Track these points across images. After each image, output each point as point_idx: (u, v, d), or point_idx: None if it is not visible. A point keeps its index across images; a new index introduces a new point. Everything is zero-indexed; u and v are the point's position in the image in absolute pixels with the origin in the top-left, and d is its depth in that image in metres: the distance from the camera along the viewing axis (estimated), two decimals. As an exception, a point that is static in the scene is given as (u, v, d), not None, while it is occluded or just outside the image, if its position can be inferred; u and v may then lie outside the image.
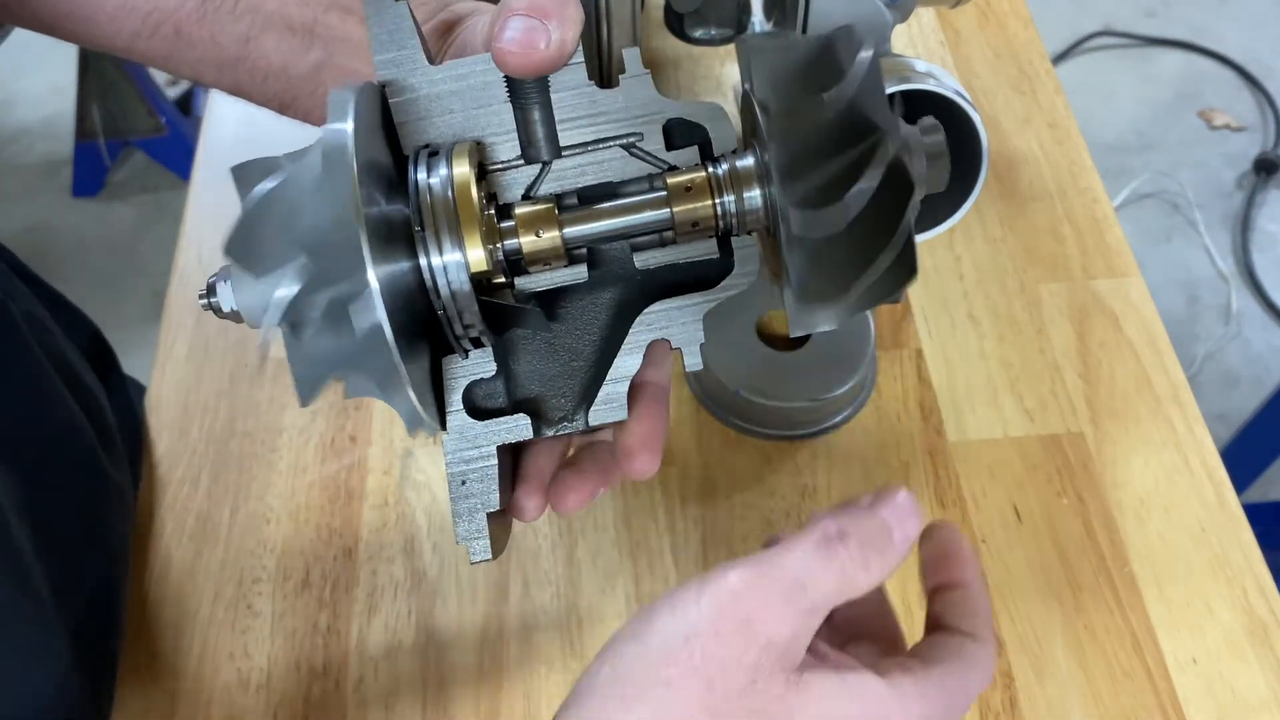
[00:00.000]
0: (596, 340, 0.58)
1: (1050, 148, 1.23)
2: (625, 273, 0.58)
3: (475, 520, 0.56)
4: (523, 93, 0.56)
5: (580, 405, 0.58)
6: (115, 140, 2.95)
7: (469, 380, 0.57)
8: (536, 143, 0.57)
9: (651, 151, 0.58)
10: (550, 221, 0.55)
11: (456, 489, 0.56)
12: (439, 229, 0.51)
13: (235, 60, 0.71)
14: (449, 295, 0.51)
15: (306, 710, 0.90)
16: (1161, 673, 0.90)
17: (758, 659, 0.50)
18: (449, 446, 0.56)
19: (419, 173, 0.52)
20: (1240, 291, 2.81)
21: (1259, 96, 3.20)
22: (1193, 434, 1.01)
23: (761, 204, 0.55)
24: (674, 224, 0.55)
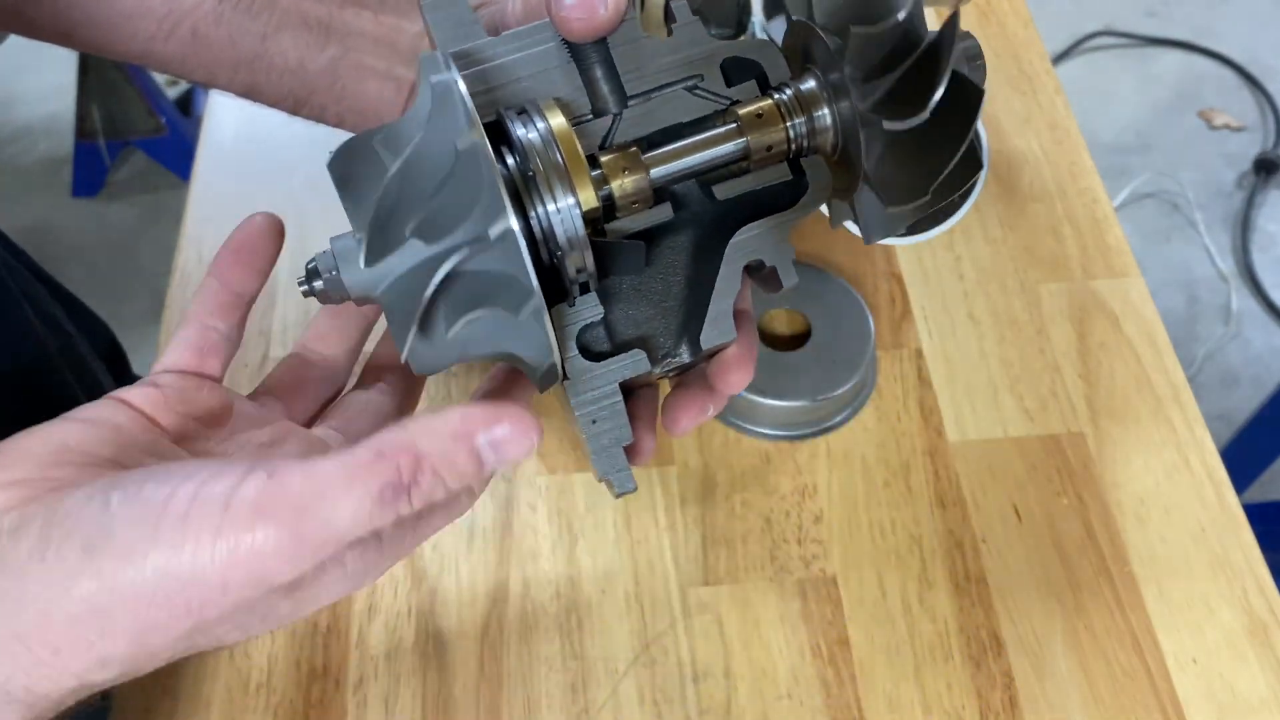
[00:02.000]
0: (682, 279, 0.60)
1: (1050, 148, 1.23)
2: (700, 210, 0.60)
3: (614, 455, 0.58)
4: (584, 53, 0.59)
5: (680, 340, 0.60)
6: (115, 140, 2.95)
7: (581, 325, 0.58)
8: (603, 96, 0.60)
9: (714, 89, 0.60)
10: (637, 164, 0.57)
11: (589, 429, 0.58)
12: (549, 176, 0.53)
13: (251, 59, 0.71)
14: (565, 239, 0.53)
15: (307, 710, 0.89)
16: (1162, 673, 0.90)
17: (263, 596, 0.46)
18: (573, 390, 0.58)
19: (518, 129, 0.54)
20: (1240, 291, 2.80)
21: (1259, 96, 3.20)
22: (1193, 434, 1.01)
23: (830, 121, 0.57)
24: (749, 152, 0.58)
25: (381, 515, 0.44)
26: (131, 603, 0.45)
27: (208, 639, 0.48)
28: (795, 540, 0.96)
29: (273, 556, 0.44)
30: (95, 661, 0.46)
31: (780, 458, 1.01)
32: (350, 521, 0.44)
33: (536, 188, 0.53)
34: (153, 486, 0.46)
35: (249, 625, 0.49)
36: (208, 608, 0.45)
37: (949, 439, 1.02)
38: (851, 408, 1.03)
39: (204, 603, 0.45)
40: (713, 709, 0.89)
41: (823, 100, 0.57)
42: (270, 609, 0.48)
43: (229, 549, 0.44)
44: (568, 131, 0.54)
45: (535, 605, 0.94)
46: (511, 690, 0.90)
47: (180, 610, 0.45)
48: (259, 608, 0.47)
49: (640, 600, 0.94)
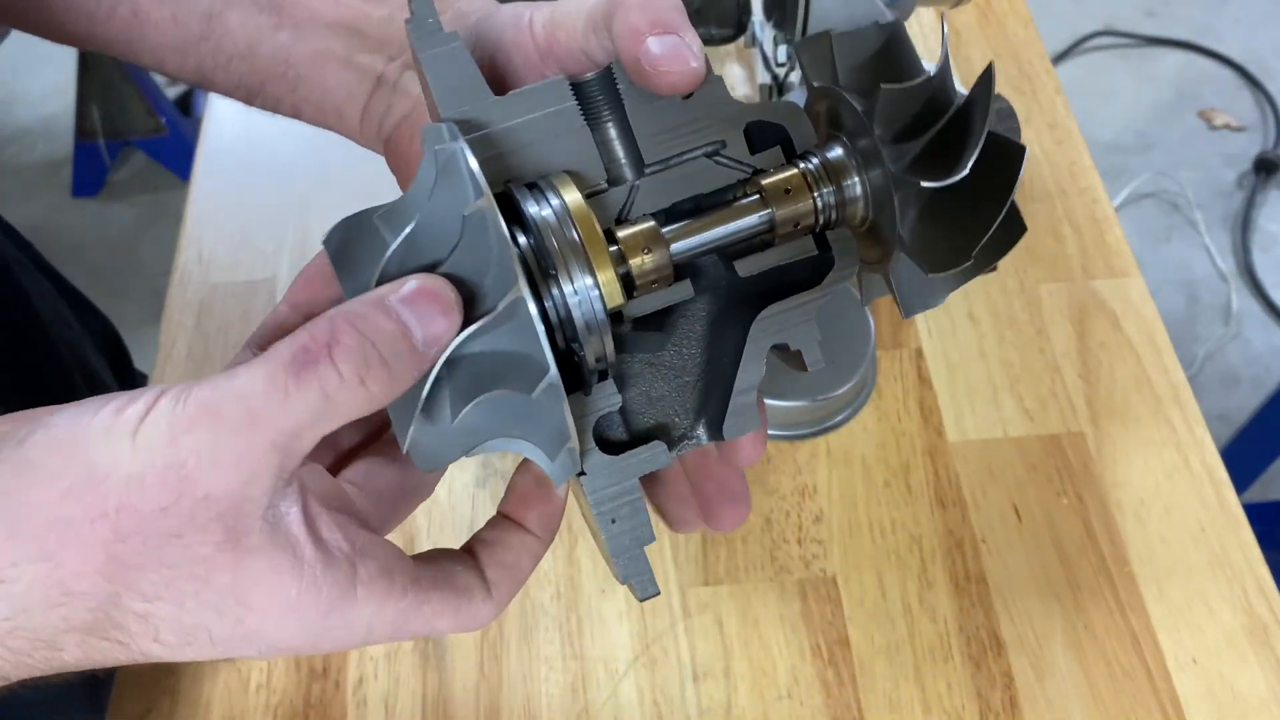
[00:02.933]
0: (699, 354, 0.57)
1: (1050, 148, 1.23)
2: (719, 282, 0.57)
3: (635, 557, 0.54)
4: (600, 117, 0.55)
5: (698, 420, 0.57)
6: (115, 140, 2.95)
7: (598, 415, 0.54)
8: (619, 162, 0.56)
9: (736, 157, 0.56)
10: (658, 240, 0.52)
11: (608, 529, 0.53)
12: (566, 256, 0.49)
13: (198, 40, 0.66)
14: (584, 326, 0.49)
15: (306, 710, 0.89)
16: (1161, 672, 0.90)
17: (191, 511, 0.43)
18: (590, 487, 0.53)
19: (529, 206, 0.50)
20: (1240, 291, 2.80)
21: (1259, 96, 3.20)
22: (1193, 434, 1.01)
23: (860, 190, 0.54)
24: (774, 225, 0.54)
25: (304, 389, 0.43)
26: (42, 489, 0.43)
27: (128, 607, 0.44)
28: (795, 540, 0.96)
29: (185, 434, 0.43)
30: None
31: (780, 457, 1.01)
32: (265, 392, 0.43)
33: (552, 268, 0.49)
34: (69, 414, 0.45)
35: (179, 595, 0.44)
36: (125, 514, 0.43)
37: (949, 439, 1.02)
38: (852, 408, 1.03)
39: (121, 503, 0.42)
40: (713, 709, 0.89)
41: (852, 169, 0.54)
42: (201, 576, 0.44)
43: (143, 438, 0.43)
44: (585, 209, 0.50)
45: (535, 605, 0.94)
46: (511, 690, 0.90)
47: (96, 509, 0.42)
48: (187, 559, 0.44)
49: (640, 601, 0.94)
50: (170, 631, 0.45)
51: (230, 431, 0.43)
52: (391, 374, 0.44)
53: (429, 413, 0.48)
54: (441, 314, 0.45)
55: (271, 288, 1.12)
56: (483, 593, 0.52)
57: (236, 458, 0.43)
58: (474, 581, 0.52)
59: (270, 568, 0.45)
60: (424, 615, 0.50)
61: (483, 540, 0.54)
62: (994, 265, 0.53)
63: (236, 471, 0.43)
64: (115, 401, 0.44)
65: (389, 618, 0.48)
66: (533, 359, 0.46)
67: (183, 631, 0.45)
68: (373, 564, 0.48)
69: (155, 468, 0.42)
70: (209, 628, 0.45)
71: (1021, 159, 0.50)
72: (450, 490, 1.00)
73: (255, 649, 0.47)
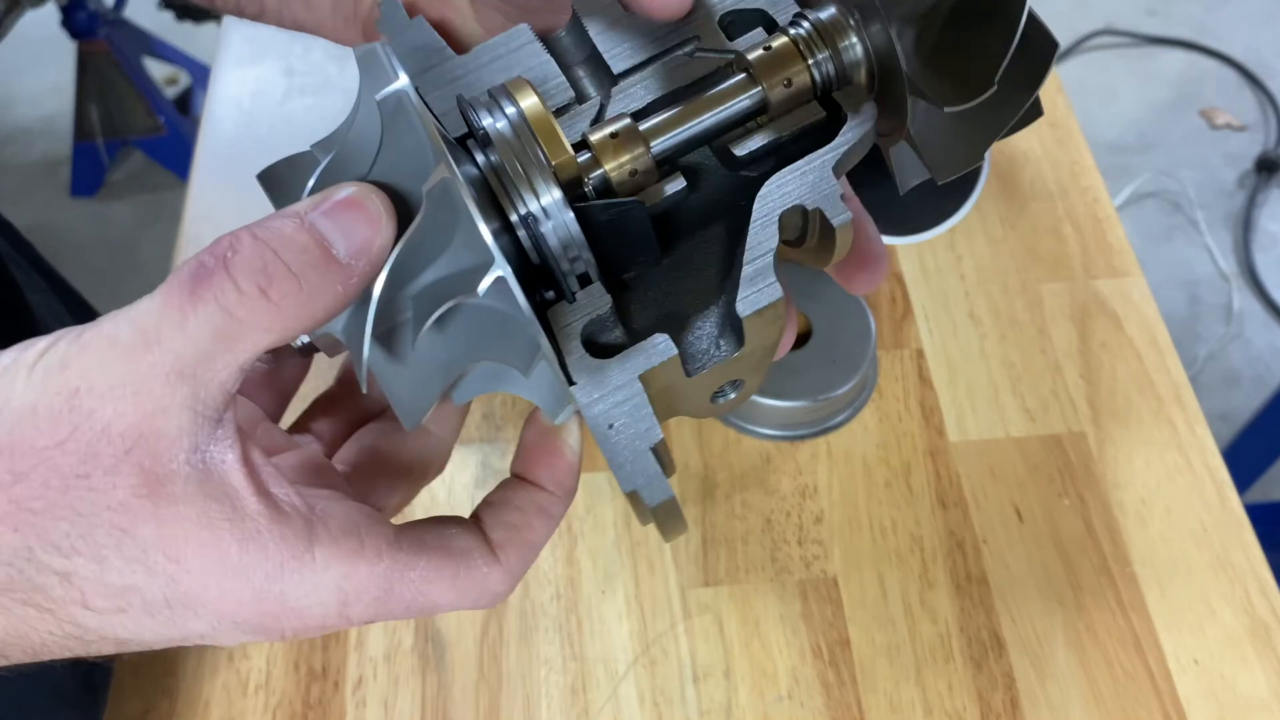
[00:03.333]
0: (715, 274, 0.51)
1: (1051, 147, 1.23)
2: (725, 192, 0.52)
3: (641, 462, 0.48)
4: (562, 46, 0.52)
5: (724, 331, 0.51)
6: (113, 140, 2.95)
7: (584, 320, 0.48)
8: (588, 89, 0.53)
9: (714, 46, 0.52)
10: (633, 136, 0.48)
11: (605, 436, 0.48)
12: (526, 168, 0.45)
13: None
14: (556, 238, 0.45)
15: (305, 711, 0.89)
16: (1163, 673, 0.89)
17: (91, 445, 0.39)
18: (582, 397, 0.47)
19: (483, 118, 0.46)
20: (1242, 291, 2.80)
21: (1260, 96, 3.19)
22: (1194, 434, 1.01)
23: (861, 52, 0.48)
24: (767, 100, 0.49)
25: (202, 306, 0.39)
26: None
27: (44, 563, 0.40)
28: (796, 541, 0.96)
29: (76, 358, 0.39)
30: None
31: (781, 458, 1.01)
32: (161, 312, 0.39)
33: (510, 184, 0.45)
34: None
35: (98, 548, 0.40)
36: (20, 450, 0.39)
37: (950, 439, 1.01)
38: (852, 408, 1.03)
39: (14, 438, 0.39)
40: (713, 710, 0.89)
41: (849, 28, 0.48)
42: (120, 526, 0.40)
43: (38, 368, 0.40)
44: (541, 109, 0.46)
45: (535, 606, 0.94)
46: (511, 691, 0.90)
47: None
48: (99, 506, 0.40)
49: (640, 601, 0.94)
50: (97, 594, 0.41)
51: (122, 355, 0.39)
52: (303, 286, 0.40)
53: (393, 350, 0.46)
54: (365, 222, 0.42)
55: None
56: (486, 556, 0.47)
57: (133, 384, 0.39)
58: (475, 543, 0.47)
59: (200, 519, 0.41)
60: (412, 582, 0.45)
61: (488, 501, 0.50)
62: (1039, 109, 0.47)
63: (136, 400, 0.39)
64: (19, 345, 0.41)
65: (364, 585, 0.43)
66: (480, 258, 0.42)
67: (111, 595, 0.41)
68: (334, 522, 0.43)
69: (45, 396, 0.39)
70: (140, 589, 0.41)
71: (1052, 56, 0.46)
72: (450, 490, 1.00)
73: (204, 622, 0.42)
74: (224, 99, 1.29)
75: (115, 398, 0.39)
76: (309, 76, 1.29)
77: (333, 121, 0.47)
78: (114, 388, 0.39)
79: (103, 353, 0.39)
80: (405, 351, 0.45)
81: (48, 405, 0.39)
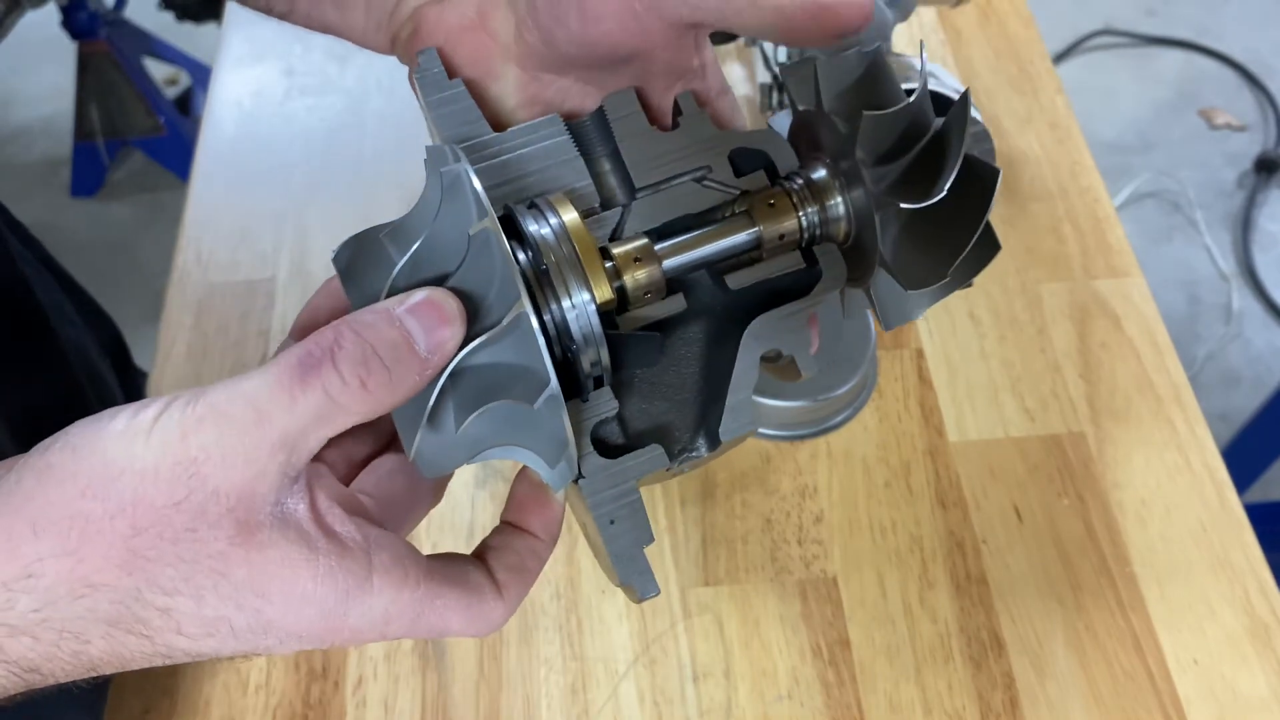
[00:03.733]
0: (696, 371, 0.59)
1: (1051, 148, 1.23)
2: (712, 301, 0.59)
3: (635, 559, 0.55)
4: (592, 146, 0.59)
5: (698, 433, 0.58)
6: (114, 140, 2.95)
7: (595, 420, 0.56)
8: (611, 188, 0.59)
9: (723, 180, 0.59)
10: (650, 255, 0.55)
11: (607, 530, 0.55)
12: (563, 271, 0.51)
13: None
14: (580, 335, 0.52)
15: (306, 711, 0.89)
16: (1163, 673, 0.90)
17: (202, 505, 0.45)
18: (589, 490, 0.54)
19: (529, 224, 0.53)
20: (1241, 291, 2.80)
21: (1259, 95, 3.20)
22: (1194, 434, 1.01)
23: (844, 210, 0.56)
24: (761, 241, 0.57)
25: (309, 392, 0.45)
26: (62, 487, 0.45)
27: (149, 601, 0.46)
28: (795, 540, 0.96)
29: (194, 433, 0.45)
30: (20, 570, 0.44)
31: (781, 458, 1.01)
32: (271, 395, 0.45)
33: (550, 283, 0.52)
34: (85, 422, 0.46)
35: (198, 588, 0.46)
36: (141, 508, 0.44)
37: (950, 439, 1.01)
38: (852, 408, 1.03)
39: (136, 497, 0.44)
40: (713, 710, 0.89)
41: (835, 188, 0.56)
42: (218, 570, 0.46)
43: (155, 437, 0.45)
44: (580, 226, 0.53)
45: (535, 606, 0.94)
46: (511, 691, 0.90)
47: (113, 504, 0.44)
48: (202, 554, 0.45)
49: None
50: (192, 624, 0.47)
51: (238, 430, 0.45)
52: (393, 378, 0.46)
53: (434, 422, 0.50)
54: (444, 323, 0.47)
55: (270, 288, 1.12)
56: (494, 592, 0.53)
57: (244, 454, 0.45)
58: (484, 580, 0.53)
59: (284, 560, 0.46)
60: (438, 610, 0.51)
61: (489, 546, 0.56)
62: (970, 281, 0.56)
63: (244, 468, 0.45)
64: (130, 408, 0.46)
65: (405, 608, 0.50)
66: (534, 371, 0.48)
67: (204, 624, 0.47)
68: (386, 554, 0.49)
69: (167, 462, 0.44)
70: (230, 619, 0.47)
71: (995, 181, 0.52)
72: (450, 491, 0.99)
73: (274, 638, 0.48)
74: (225, 99, 1.29)
75: (227, 465, 0.45)
76: (309, 77, 1.29)
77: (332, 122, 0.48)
78: (227, 457, 0.45)
79: (219, 427, 0.45)
80: (445, 425, 0.51)
81: (169, 471, 0.44)
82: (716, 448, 0.57)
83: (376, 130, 1.24)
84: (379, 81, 1.29)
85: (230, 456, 0.45)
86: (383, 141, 1.23)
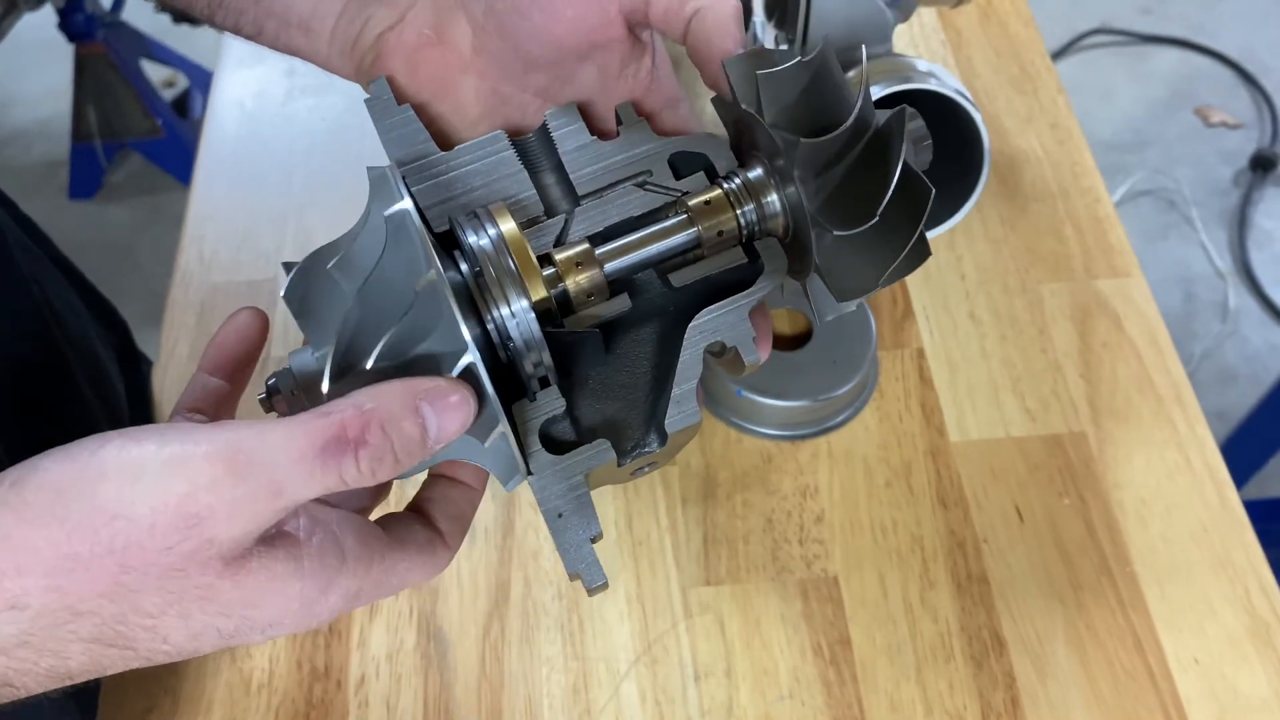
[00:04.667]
0: (647, 369, 0.61)
1: (1052, 148, 1.23)
2: (659, 300, 0.61)
3: (582, 551, 0.57)
4: (536, 159, 0.63)
5: (649, 430, 0.60)
6: (111, 142, 2.95)
7: (543, 419, 0.58)
8: (556, 198, 0.62)
9: (663, 183, 0.62)
10: (590, 260, 0.58)
11: (554, 523, 0.57)
12: (502, 281, 0.54)
13: None
14: (521, 341, 0.54)
15: (308, 710, 0.89)
16: (1164, 673, 0.90)
17: (195, 550, 0.46)
18: (538, 485, 0.57)
19: (469, 236, 0.55)
20: (1237, 288, 2.81)
21: (1255, 93, 3.20)
22: (1195, 434, 1.02)
23: (780, 207, 0.58)
24: (701, 240, 0.59)
25: (326, 473, 0.46)
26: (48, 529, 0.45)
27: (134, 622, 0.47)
28: (797, 540, 0.96)
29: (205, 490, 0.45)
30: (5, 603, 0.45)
31: (782, 458, 1.01)
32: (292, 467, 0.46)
33: (489, 292, 0.54)
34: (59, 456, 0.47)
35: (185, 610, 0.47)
36: (131, 551, 0.45)
37: (950, 439, 1.02)
38: (853, 408, 1.03)
39: (128, 542, 0.45)
40: (714, 709, 0.89)
41: (771, 187, 0.58)
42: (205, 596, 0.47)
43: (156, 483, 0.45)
44: (517, 233, 0.55)
45: (537, 605, 0.94)
46: (513, 691, 0.90)
47: (102, 547, 0.45)
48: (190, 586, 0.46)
49: (642, 600, 0.94)
50: (179, 635, 0.48)
51: (250, 495, 0.45)
52: (399, 467, 0.48)
53: None
54: (460, 424, 0.50)
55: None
56: (440, 543, 0.57)
57: (250, 514, 0.46)
58: (432, 535, 0.57)
59: (272, 575, 0.48)
60: (399, 572, 0.54)
61: (427, 499, 0.59)
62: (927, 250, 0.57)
63: (245, 523, 0.46)
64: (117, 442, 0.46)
65: (373, 580, 0.53)
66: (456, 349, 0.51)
67: (190, 635, 0.48)
68: (352, 538, 0.52)
69: (166, 515, 0.45)
70: (216, 627, 0.49)
71: (929, 199, 0.53)
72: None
73: (258, 633, 0.50)
74: (226, 100, 1.29)
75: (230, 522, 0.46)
76: (310, 77, 1.29)
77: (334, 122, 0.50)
78: (232, 516, 0.46)
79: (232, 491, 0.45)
80: None
81: (167, 523, 0.45)
82: (665, 441, 0.59)
83: (377, 131, 1.23)
84: (379, 82, 1.29)
85: (235, 516, 0.46)
86: (384, 142, 1.22)
